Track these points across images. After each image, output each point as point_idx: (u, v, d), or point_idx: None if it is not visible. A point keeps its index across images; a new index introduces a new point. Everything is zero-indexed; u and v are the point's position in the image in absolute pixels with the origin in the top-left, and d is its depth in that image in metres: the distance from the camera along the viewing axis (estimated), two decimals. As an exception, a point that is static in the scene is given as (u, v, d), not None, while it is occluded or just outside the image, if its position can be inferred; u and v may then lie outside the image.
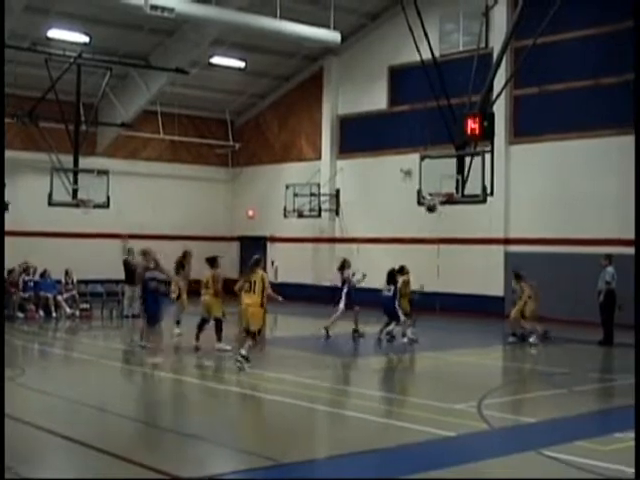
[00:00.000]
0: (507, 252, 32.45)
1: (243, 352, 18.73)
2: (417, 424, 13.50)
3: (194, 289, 23.93)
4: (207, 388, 17.87)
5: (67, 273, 31.42)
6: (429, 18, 28.12)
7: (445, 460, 11.43)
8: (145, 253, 21.32)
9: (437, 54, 27.33)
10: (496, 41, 29.69)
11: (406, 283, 25.37)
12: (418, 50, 25.23)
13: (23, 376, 17.84)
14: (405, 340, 24.49)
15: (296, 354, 22.09)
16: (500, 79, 26.40)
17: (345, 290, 25.79)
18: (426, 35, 24.92)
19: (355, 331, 25.65)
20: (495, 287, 32.48)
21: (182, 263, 24.35)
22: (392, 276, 25.11)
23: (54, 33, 32.80)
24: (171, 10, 29.09)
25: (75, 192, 31.63)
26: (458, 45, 33.76)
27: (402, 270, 25.48)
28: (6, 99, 32.65)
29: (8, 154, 32.96)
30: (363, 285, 26.49)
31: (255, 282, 18.93)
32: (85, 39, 33.31)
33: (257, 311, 18.93)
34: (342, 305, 25.52)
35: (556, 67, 30.93)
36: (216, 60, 37.35)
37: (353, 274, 26.03)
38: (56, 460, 11.45)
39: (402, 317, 24.74)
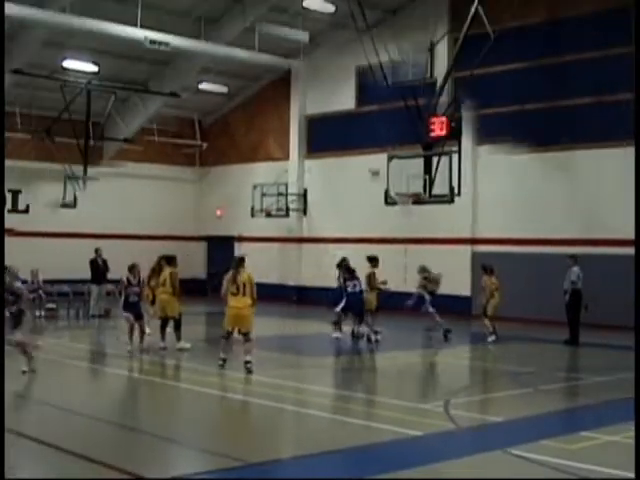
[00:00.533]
0: (474, 252, 32.77)
1: (222, 355, 18.19)
2: (384, 424, 13.16)
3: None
4: (172, 388, 17.29)
5: (32, 273, 29.97)
6: (383, 52, 28.16)
7: (412, 460, 11.11)
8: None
9: (389, 83, 28.78)
10: (439, 72, 31.75)
11: (373, 275, 24.07)
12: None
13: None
14: (365, 338, 23.81)
15: (262, 354, 19.88)
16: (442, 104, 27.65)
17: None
18: (381, 66, 27.39)
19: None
20: (462, 287, 32.48)
21: (155, 269, 22.73)
22: (350, 270, 24.01)
23: (68, 63, 34.84)
24: (167, 44, 31.84)
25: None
26: (408, 75, 34.07)
27: (375, 260, 24.46)
28: (26, 119, 35.35)
29: (26, 165, 36.25)
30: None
31: (244, 284, 17.92)
32: (94, 68, 35.31)
33: (249, 313, 18.11)
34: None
35: (488, 95, 32.22)
36: (204, 86, 39.46)
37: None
38: (22, 461, 10.88)
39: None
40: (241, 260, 18.49)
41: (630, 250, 16.75)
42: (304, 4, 33.23)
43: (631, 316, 15.93)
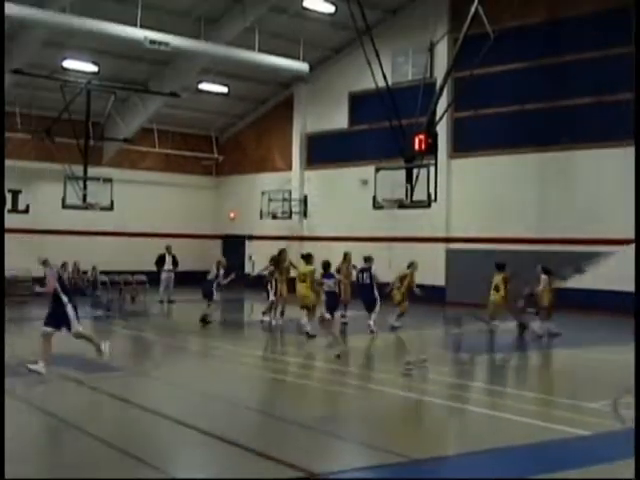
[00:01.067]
0: (448, 249, 33.85)
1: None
2: (549, 422, 12.46)
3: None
4: (324, 380, 16.64)
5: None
6: (383, 52, 28.26)
7: (578, 460, 10.50)
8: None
9: (390, 83, 27.74)
10: (439, 72, 31.55)
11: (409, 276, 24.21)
12: (374, 79, 26.23)
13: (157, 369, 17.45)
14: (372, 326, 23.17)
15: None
16: (442, 104, 27.67)
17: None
18: (381, 66, 26.03)
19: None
20: (438, 278, 33.48)
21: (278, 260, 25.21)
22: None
23: (68, 63, 34.15)
24: (167, 44, 30.85)
25: (84, 197, 32.89)
26: (408, 75, 35.01)
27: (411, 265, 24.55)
28: (26, 119, 34.46)
29: (27, 165, 35.61)
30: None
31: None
32: (94, 68, 34.67)
33: None
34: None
35: (488, 94, 32.31)
36: (203, 86, 38.74)
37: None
38: (198, 456, 10.45)
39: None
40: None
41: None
42: (304, 4, 32.43)
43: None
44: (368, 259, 24.64)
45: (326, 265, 22.21)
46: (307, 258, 22.92)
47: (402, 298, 24.14)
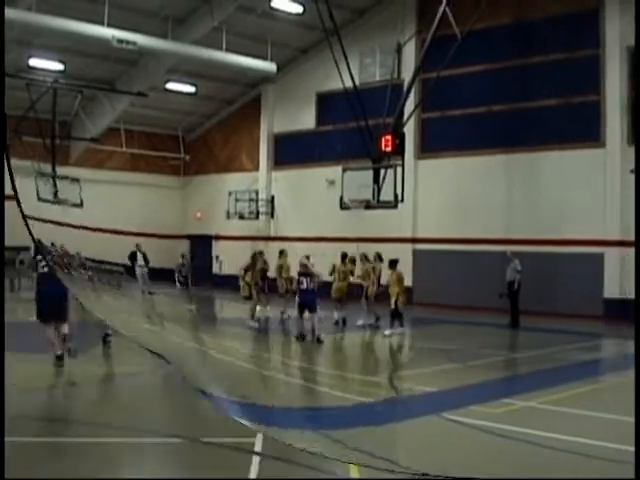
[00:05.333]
0: (415, 249, 33.03)
1: None
2: (342, 392, 13.84)
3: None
4: None
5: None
6: (351, 53, 27.42)
7: (363, 421, 11.57)
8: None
9: (357, 83, 27.03)
10: (407, 73, 30.93)
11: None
12: (342, 79, 25.29)
13: None
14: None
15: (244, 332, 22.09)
16: (410, 105, 27.34)
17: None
18: (348, 67, 25.14)
19: None
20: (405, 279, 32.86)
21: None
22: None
23: (34, 62, 33.08)
24: (134, 43, 29.76)
25: (56, 193, 32.20)
26: (375, 76, 34.29)
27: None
28: None
29: (-7, 163, 34.77)
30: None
31: None
32: (60, 67, 33.65)
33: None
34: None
35: (455, 96, 31.68)
36: (171, 85, 37.85)
37: None
38: None
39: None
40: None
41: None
42: (272, 4, 31.46)
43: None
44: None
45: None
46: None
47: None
